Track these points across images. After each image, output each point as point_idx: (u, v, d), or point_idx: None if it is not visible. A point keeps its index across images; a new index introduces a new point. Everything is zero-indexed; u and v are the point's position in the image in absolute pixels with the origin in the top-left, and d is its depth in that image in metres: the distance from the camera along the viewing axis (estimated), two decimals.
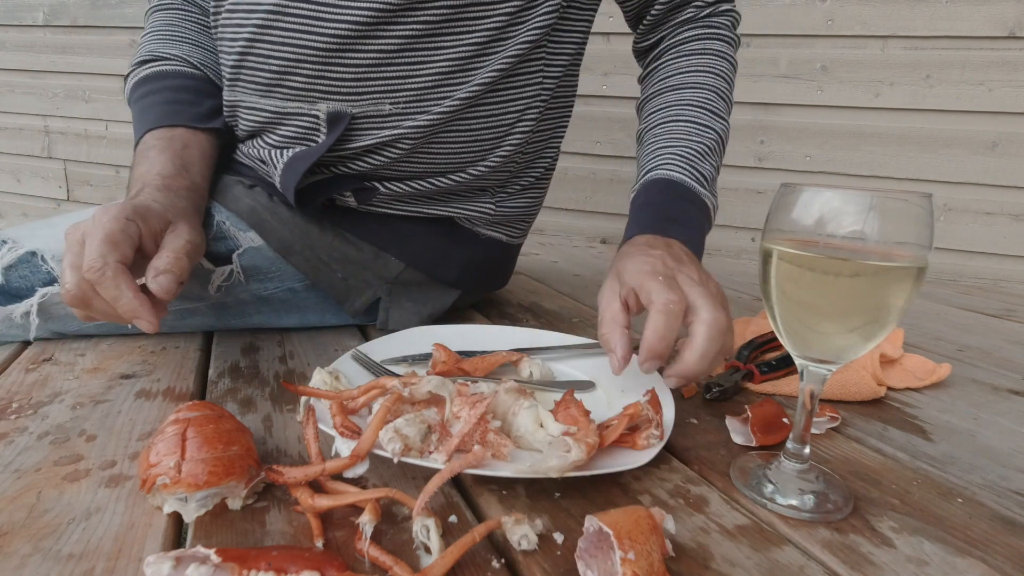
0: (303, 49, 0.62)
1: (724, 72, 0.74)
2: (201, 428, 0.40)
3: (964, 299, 1.17)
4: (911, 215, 0.37)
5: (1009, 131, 1.31)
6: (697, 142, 0.69)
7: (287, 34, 0.62)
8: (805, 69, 1.42)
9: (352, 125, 0.65)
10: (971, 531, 0.41)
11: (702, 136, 0.70)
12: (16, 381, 0.57)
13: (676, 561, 0.36)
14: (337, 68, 0.63)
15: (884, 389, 0.62)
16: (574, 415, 0.46)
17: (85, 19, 1.94)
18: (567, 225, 1.70)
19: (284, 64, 0.63)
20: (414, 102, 0.65)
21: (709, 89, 0.72)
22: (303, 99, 0.65)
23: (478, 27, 0.64)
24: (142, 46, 0.75)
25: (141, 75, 0.72)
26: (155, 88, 0.71)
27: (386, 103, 0.64)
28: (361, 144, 0.66)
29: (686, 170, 0.67)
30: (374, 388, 0.46)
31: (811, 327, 0.40)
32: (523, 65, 0.68)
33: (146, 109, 0.70)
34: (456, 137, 0.68)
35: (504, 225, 0.80)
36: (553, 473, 0.40)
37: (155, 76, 0.71)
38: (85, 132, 2.05)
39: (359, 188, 0.69)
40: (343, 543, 0.36)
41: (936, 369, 0.68)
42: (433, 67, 0.64)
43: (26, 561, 0.33)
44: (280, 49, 0.63)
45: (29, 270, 0.65)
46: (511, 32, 0.65)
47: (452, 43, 0.63)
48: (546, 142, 0.78)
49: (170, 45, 0.73)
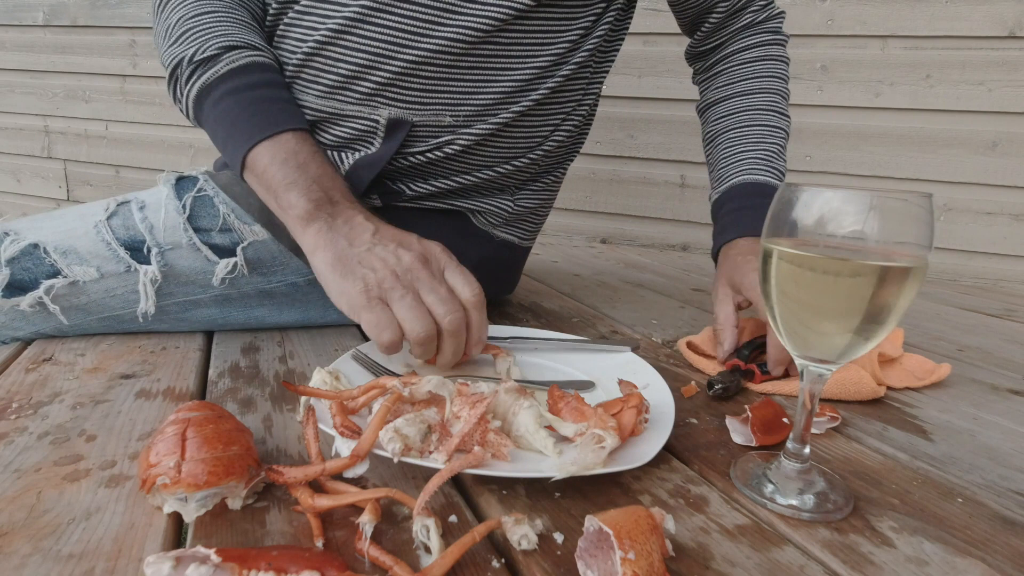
0: (381, 58, 0.62)
1: (784, 74, 0.81)
2: (201, 428, 0.40)
3: (964, 299, 1.17)
4: (911, 215, 0.37)
5: (1009, 131, 1.31)
6: (772, 142, 0.76)
7: (367, 42, 0.62)
8: (805, 69, 1.42)
9: (410, 132, 0.66)
10: (971, 531, 0.41)
11: (775, 137, 0.77)
12: (16, 381, 0.57)
13: (676, 561, 0.36)
14: (410, 80, 0.63)
15: (884, 389, 0.62)
16: (577, 408, 0.46)
17: (85, 19, 1.94)
18: (567, 225, 1.70)
19: (354, 70, 0.64)
20: (473, 117, 0.67)
21: (775, 92, 0.79)
22: (366, 103, 0.65)
23: (545, 51, 0.67)
24: (198, 24, 0.65)
25: (243, 62, 0.64)
26: (268, 80, 0.65)
27: (447, 115, 0.66)
28: (414, 150, 0.67)
29: (770, 172, 0.75)
30: (374, 388, 0.46)
31: (811, 327, 0.40)
32: (571, 82, 0.71)
33: (272, 103, 0.64)
34: (497, 143, 0.70)
35: (518, 225, 0.81)
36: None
37: (259, 67, 0.65)
38: (85, 132, 2.05)
39: (385, 192, 0.70)
40: (343, 543, 0.36)
41: (936, 369, 0.68)
42: (498, 87, 0.66)
43: (26, 561, 0.33)
44: (354, 55, 0.63)
45: (32, 262, 0.65)
46: (570, 56, 0.69)
47: (519, 65, 0.66)
48: (572, 144, 0.80)
49: (246, 31, 0.66)
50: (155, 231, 0.67)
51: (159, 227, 0.67)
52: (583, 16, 0.69)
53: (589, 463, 0.41)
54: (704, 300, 1.03)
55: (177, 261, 0.67)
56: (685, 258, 1.48)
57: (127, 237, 0.67)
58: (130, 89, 1.97)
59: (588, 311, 0.91)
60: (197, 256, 0.68)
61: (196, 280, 0.68)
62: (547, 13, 0.66)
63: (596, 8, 0.70)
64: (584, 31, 0.69)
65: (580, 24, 0.68)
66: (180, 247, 0.67)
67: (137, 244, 0.67)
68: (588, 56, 0.70)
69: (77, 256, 0.66)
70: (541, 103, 0.70)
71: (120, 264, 0.66)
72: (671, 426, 0.48)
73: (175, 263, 0.67)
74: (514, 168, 0.73)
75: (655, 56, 1.54)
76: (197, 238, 0.67)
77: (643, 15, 1.48)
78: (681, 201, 1.58)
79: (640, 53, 1.53)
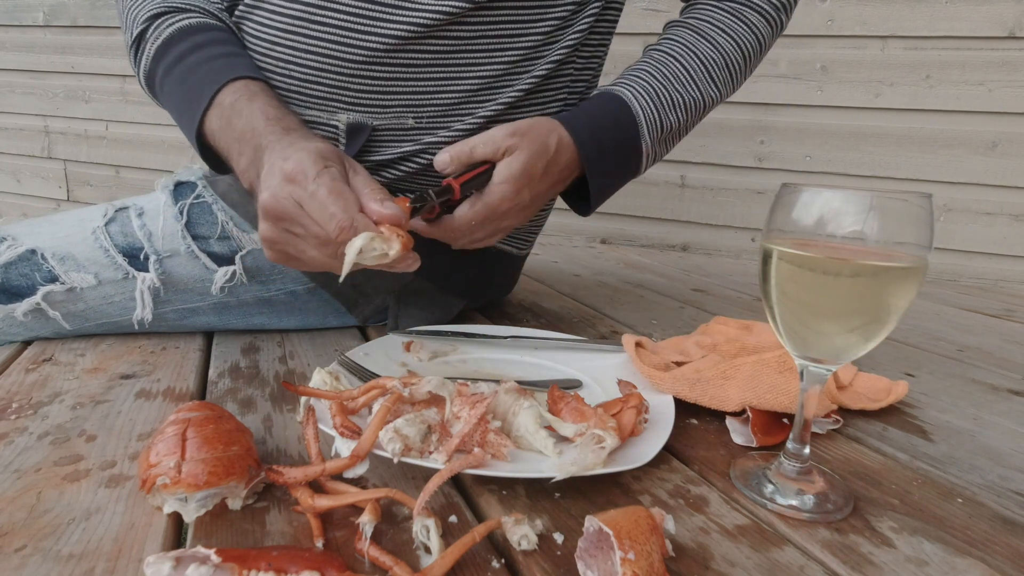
0: (329, 59, 0.60)
1: (741, 40, 0.69)
2: (201, 428, 0.40)
3: (964, 299, 1.17)
4: (911, 215, 0.37)
5: (1009, 131, 1.31)
6: (674, 89, 0.66)
7: (312, 42, 0.60)
8: (805, 69, 1.42)
9: (372, 138, 0.64)
10: (971, 531, 0.41)
11: (683, 88, 0.67)
12: (16, 381, 0.57)
13: (676, 561, 0.36)
14: (363, 80, 0.61)
15: (835, 406, 0.57)
16: (577, 408, 0.46)
17: (85, 19, 1.94)
18: (567, 225, 1.70)
19: (306, 72, 0.62)
20: (438, 118, 0.64)
21: (720, 52, 0.68)
22: (323, 108, 0.63)
23: (512, 46, 0.63)
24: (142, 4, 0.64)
25: (169, 32, 0.62)
26: (189, 46, 0.62)
27: (409, 118, 0.63)
28: (379, 158, 0.65)
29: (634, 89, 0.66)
30: (374, 388, 0.46)
31: (811, 327, 0.40)
32: (550, 82, 0.67)
33: (199, 67, 0.61)
34: None
35: (514, 236, 0.79)
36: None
37: (180, 33, 0.63)
38: (85, 132, 2.05)
39: None
40: (343, 543, 0.36)
41: (892, 388, 0.61)
42: (462, 84, 0.63)
43: (26, 561, 0.33)
44: (303, 56, 0.61)
45: (29, 268, 0.65)
46: (543, 52, 0.65)
47: (484, 60, 0.62)
48: None
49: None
50: (153, 238, 0.67)
51: (157, 234, 0.67)
52: (550, 12, 0.64)
53: (589, 463, 0.41)
54: (704, 300, 1.03)
55: (175, 269, 0.67)
56: (685, 258, 1.48)
57: (125, 244, 0.67)
58: (130, 89, 1.97)
59: (588, 311, 0.91)
60: (195, 264, 0.67)
61: (194, 288, 0.68)
62: (505, 7, 0.61)
63: (566, 4, 0.64)
64: (554, 27, 0.64)
65: (548, 21, 0.63)
66: (178, 255, 0.67)
67: (135, 251, 0.67)
68: (568, 54, 0.66)
69: (75, 262, 0.66)
70: (515, 106, 0.66)
71: (118, 271, 0.66)
72: (671, 426, 0.49)
73: (173, 271, 0.67)
74: None
75: None
76: (195, 246, 0.67)
77: (643, 15, 1.48)
78: (681, 201, 1.58)
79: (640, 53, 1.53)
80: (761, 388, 0.52)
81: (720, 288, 1.14)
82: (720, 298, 1.05)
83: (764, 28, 0.71)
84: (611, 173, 0.67)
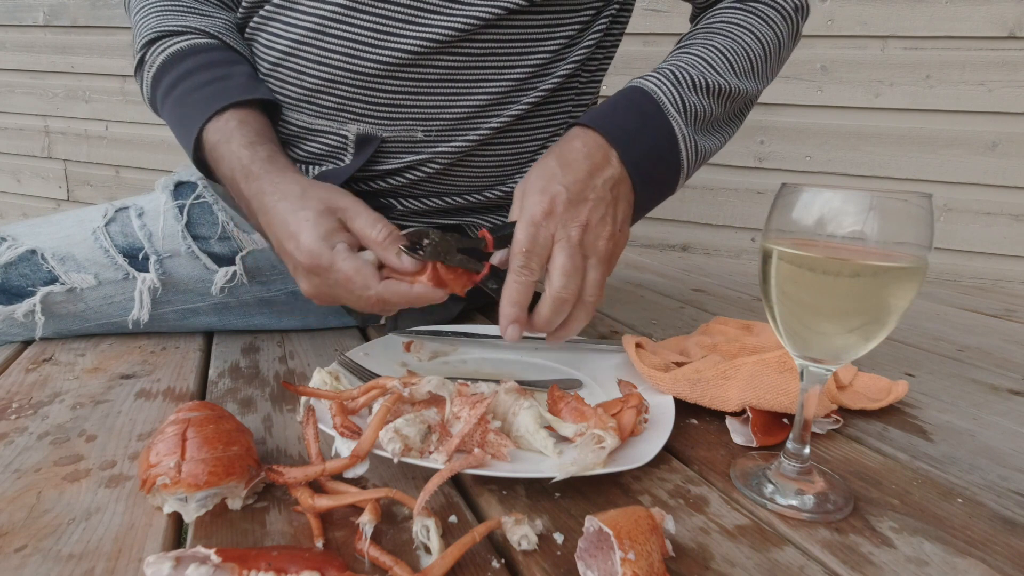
0: (341, 71, 0.61)
1: (760, 34, 0.65)
2: (201, 428, 0.40)
3: (964, 299, 1.17)
4: (911, 215, 0.37)
5: (1009, 131, 1.31)
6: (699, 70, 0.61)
7: (326, 54, 0.60)
8: (805, 69, 1.42)
9: (380, 148, 0.64)
10: (971, 531, 0.41)
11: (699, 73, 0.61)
12: (16, 381, 0.57)
13: (676, 561, 0.36)
14: (374, 93, 0.61)
15: (835, 406, 0.57)
16: (577, 408, 0.46)
17: (85, 19, 1.94)
18: None
19: (318, 83, 0.62)
20: (447, 131, 0.64)
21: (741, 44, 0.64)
22: (333, 118, 0.63)
23: (521, 63, 0.63)
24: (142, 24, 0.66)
25: (161, 58, 0.63)
26: (181, 73, 0.63)
27: (418, 130, 0.63)
28: (387, 168, 0.65)
29: (661, 80, 0.60)
30: (374, 388, 0.46)
31: (811, 327, 0.40)
32: (556, 94, 0.67)
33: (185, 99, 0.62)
34: (481, 162, 0.67)
35: None
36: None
37: (173, 58, 0.63)
38: (85, 132, 2.05)
39: (376, 207, 0.69)
40: (343, 543, 0.36)
41: (892, 388, 0.61)
42: (472, 99, 0.63)
43: (26, 561, 0.33)
44: (316, 68, 0.61)
45: (29, 268, 0.65)
46: (552, 68, 0.65)
47: (494, 77, 0.62)
48: None
49: (176, 17, 0.65)
50: (154, 239, 0.67)
51: (158, 234, 0.67)
52: (560, 28, 0.63)
53: (589, 463, 0.41)
54: (704, 300, 1.03)
55: (176, 269, 0.67)
56: (685, 258, 1.48)
57: (125, 244, 0.67)
58: (130, 89, 1.97)
59: None
60: (196, 264, 0.67)
61: (195, 288, 0.68)
62: (516, 25, 0.61)
63: (578, 18, 0.64)
64: (563, 45, 0.64)
65: (557, 39, 0.64)
66: (179, 255, 0.67)
67: (135, 251, 0.67)
68: (576, 67, 0.66)
69: (75, 263, 0.66)
70: (522, 118, 0.66)
71: (118, 271, 0.66)
72: (671, 426, 0.49)
73: (174, 271, 0.67)
74: (508, 191, 0.69)
75: (655, 56, 1.54)
76: (196, 246, 0.67)
77: (643, 15, 1.47)
78: (681, 201, 1.58)
79: (640, 53, 1.53)
80: (761, 388, 0.52)
81: (720, 288, 1.14)
82: (720, 298, 1.05)
83: (780, 22, 0.68)
84: (639, 141, 0.59)
